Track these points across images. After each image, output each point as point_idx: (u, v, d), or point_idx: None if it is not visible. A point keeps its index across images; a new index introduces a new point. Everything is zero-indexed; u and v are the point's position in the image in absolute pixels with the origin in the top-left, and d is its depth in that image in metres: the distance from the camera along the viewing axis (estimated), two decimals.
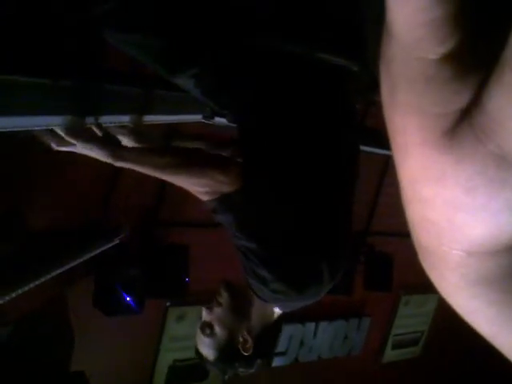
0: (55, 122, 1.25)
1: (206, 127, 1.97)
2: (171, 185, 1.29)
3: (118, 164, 1.26)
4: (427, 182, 0.18)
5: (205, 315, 1.35)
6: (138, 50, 1.35)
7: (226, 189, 1.20)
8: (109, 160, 1.25)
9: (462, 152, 0.17)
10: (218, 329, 1.32)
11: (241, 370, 1.35)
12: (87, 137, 1.28)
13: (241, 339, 1.31)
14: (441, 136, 0.18)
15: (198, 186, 1.24)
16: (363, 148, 1.44)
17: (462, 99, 0.17)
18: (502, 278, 0.20)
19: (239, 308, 1.32)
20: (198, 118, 1.94)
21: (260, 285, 1.23)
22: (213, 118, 1.93)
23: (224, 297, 1.33)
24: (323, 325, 4.53)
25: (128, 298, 3.04)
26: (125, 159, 1.25)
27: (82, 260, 2.38)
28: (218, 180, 1.20)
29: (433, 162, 0.18)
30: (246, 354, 1.31)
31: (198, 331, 1.35)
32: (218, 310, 1.33)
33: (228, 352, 1.32)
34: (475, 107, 0.17)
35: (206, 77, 1.34)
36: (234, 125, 1.40)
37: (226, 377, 1.38)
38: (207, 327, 1.33)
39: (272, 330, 1.35)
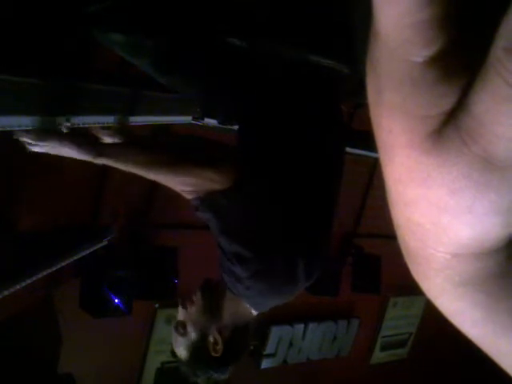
0: (27, 123, 1.23)
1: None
2: (161, 186, 1.28)
3: (99, 160, 1.20)
4: (412, 183, 0.18)
5: (180, 314, 1.34)
6: (132, 50, 1.34)
7: (216, 187, 1.17)
8: (89, 156, 1.19)
9: (448, 154, 0.17)
10: (189, 328, 1.30)
11: (211, 373, 1.32)
12: (60, 136, 1.23)
13: (211, 339, 1.28)
14: (426, 138, 0.18)
15: (184, 185, 1.21)
16: (351, 150, 1.45)
17: (447, 102, 0.17)
18: (486, 280, 0.20)
19: (211, 307, 1.30)
20: (187, 119, 1.93)
21: (234, 281, 1.23)
22: (203, 119, 1.93)
23: (197, 295, 1.31)
24: (312, 326, 4.53)
25: (116, 300, 3.02)
26: (106, 155, 1.20)
27: (70, 261, 2.36)
28: (209, 178, 1.17)
29: (418, 163, 0.18)
30: (215, 355, 1.28)
31: (173, 329, 1.34)
32: (191, 309, 1.31)
33: (198, 352, 1.30)
34: (461, 110, 0.17)
35: (201, 77, 1.34)
36: (225, 126, 1.40)
37: (199, 380, 1.34)
38: (180, 326, 1.31)
39: (244, 332, 1.33)
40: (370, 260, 4.34)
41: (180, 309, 1.34)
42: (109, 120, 1.53)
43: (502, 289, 0.20)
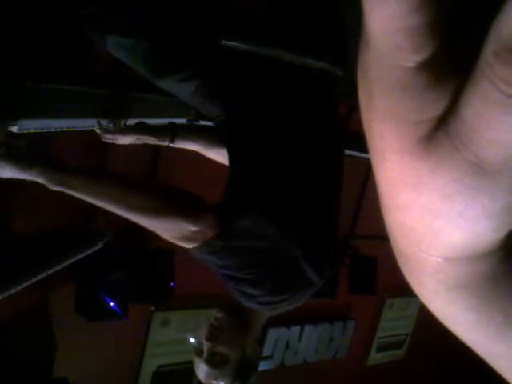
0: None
1: None
2: None
3: (56, 188, 1.07)
4: (404, 188, 0.18)
5: (208, 347, 1.27)
6: (127, 52, 1.34)
7: (202, 237, 1.10)
8: (42, 182, 1.07)
9: (439, 159, 0.17)
10: (230, 353, 1.26)
11: (253, 379, 1.32)
12: (6, 157, 1.07)
13: (251, 350, 1.28)
14: (417, 143, 0.18)
15: (171, 232, 1.13)
16: (347, 152, 1.44)
17: (438, 107, 0.17)
18: (479, 284, 0.20)
19: (245, 325, 1.28)
20: (182, 121, 1.93)
21: (247, 300, 1.21)
22: (198, 121, 1.93)
23: (223, 319, 1.28)
24: (308, 328, 4.53)
25: (112, 303, 3.01)
26: (67, 186, 1.07)
27: (65, 264, 2.35)
28: (193, 231, 1.09)
29: (409, 168, 0.18)
30: (256, 362, 1.29)
31: (207, 367, 1.25)
32: (223, 337, 1.27)
33: (243, 369, 1.28)
34: (451, 115, 0.17)
35: (197, 80, 1.34)
36: (221, 128, 1.40)
37: None
38: (219, 360, 1.25)
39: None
40: (366, 262, 4.34)
41: (206, 342, 1.27)
42: (103, 122, 1.52)
43: (495, 292, 0.20)
